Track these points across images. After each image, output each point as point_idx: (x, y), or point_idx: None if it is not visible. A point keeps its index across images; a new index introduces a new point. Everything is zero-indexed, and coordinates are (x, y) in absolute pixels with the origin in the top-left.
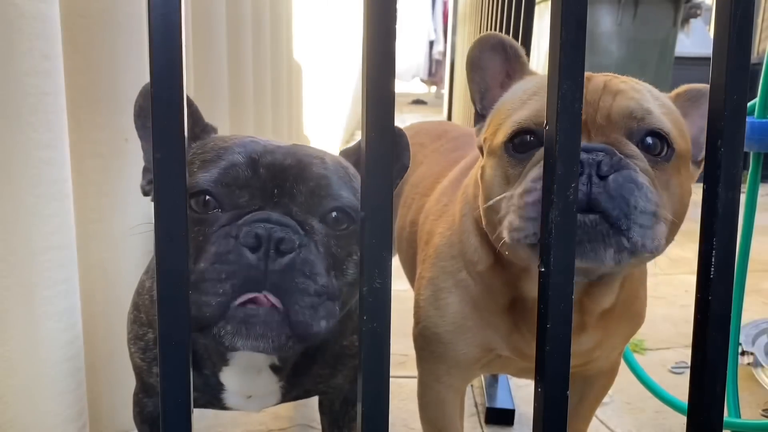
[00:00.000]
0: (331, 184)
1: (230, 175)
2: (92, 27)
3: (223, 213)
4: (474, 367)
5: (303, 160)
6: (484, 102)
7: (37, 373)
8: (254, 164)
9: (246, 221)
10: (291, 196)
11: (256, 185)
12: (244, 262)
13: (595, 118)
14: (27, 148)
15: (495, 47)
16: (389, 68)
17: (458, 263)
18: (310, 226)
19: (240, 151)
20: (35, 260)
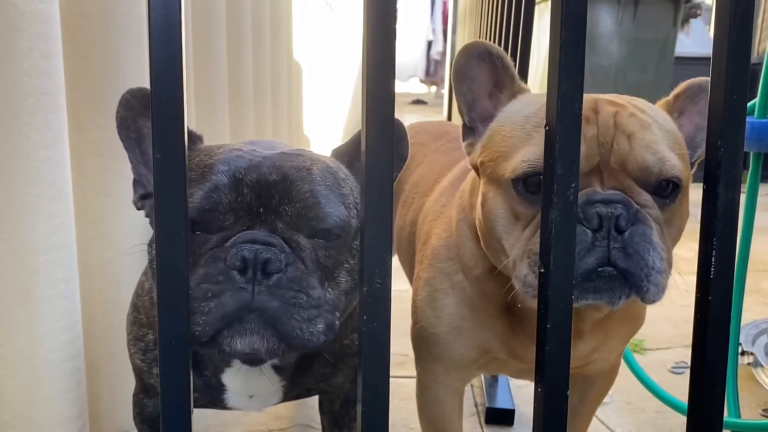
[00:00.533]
0: (318, 203)
1: (213, 200)
2: (92, 27)
3: (211, 234)
4: (471, 367)
5: (289, 176)
6: (473, 114)
7: (37, 373)
8: (238, 185)
9: (233, 243)
10: (277, 214)
11: (240, 207)
12: (232, 285)
13: (609, 161)
14: (27, 148)
15: (482, 56)
16: (389, 68)
17: (455, 265)
18: (296, 242)
19: (224, 170)
20: (35, 260)
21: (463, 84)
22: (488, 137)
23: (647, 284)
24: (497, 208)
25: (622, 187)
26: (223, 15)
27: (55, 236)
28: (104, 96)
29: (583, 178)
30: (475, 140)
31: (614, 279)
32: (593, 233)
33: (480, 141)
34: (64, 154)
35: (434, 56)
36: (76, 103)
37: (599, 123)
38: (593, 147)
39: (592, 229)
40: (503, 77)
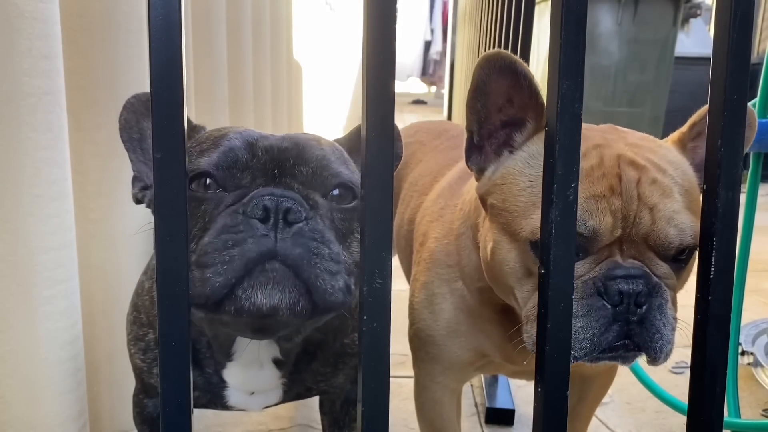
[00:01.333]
0: (330, 164)
1: (230, 158)
2: (92, 27)
3: (227, 194)
4: (468, 369)
5: (300, 143)
6: (482, 132)
7: (37, 373)
8: (252, 147)
9: (252, 196)
10: (292, 176)
11: (256, 167)
12: (253, 232)
13: (630, 234)
14: (27, 148)
15: (504, 70)
16: (389, 68)
17: (454, 273)
18: (314, 200)
19: (236, 137)
20: (35, 260)
21: (479, 100)
22: (503, 178)
23: (659, 354)
24: (510, 261)
25: (642, 258)
26: (223, 15)
27: (55, 236)
28: (104, 96)
29: (605, 248)
30: (484, 165)
31: (629, 350)
32: (613, 309)
33: (491, 172)
34: (64, 154)
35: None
36: (76, 103)
37: (623, 194)
38: (617, 220)
39: (613, 304)
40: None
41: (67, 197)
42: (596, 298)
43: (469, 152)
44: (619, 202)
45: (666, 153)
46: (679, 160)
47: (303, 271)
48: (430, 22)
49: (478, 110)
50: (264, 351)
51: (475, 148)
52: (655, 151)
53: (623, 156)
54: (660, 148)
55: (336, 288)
